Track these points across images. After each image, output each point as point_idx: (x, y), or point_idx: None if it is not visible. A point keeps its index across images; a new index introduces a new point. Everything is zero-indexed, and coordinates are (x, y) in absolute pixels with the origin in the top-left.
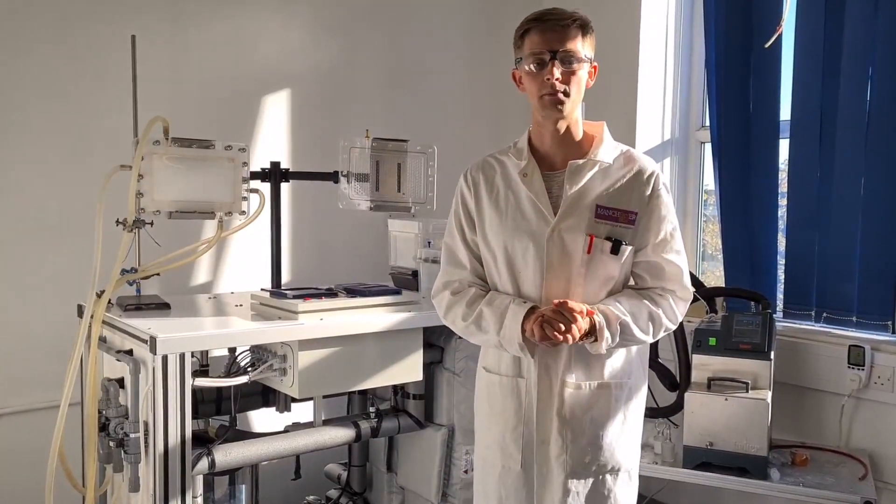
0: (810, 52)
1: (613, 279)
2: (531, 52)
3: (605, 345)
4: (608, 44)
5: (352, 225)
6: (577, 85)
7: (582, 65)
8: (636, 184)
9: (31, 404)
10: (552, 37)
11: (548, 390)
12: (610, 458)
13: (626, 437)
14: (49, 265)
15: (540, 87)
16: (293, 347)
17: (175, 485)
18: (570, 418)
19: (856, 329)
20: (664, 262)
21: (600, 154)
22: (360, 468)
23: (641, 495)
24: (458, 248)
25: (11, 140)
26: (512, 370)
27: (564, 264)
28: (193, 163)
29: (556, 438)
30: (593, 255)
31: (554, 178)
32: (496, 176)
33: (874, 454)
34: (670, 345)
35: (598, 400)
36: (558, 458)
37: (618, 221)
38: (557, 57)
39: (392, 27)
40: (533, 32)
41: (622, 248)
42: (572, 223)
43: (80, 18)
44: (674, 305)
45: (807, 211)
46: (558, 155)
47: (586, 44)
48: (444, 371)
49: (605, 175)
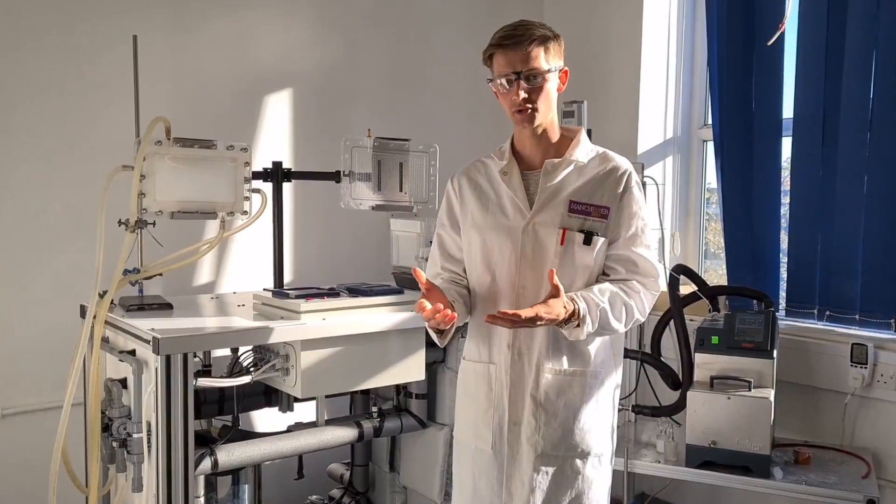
0: (813, 50)
1: (589, 269)
2: (498, 73)
3: (586, 330)
4: (611, 43)
5: (354, 225)
6: (545, 97)
7: (548, 77)
8: (609, 181)
9: (35, 405)
10: (514, 58)
11: (521, 375)
12: (580, 441)
13: (597, 422)
14: (51, 266)
15: (510, 104)
16: (295, 347)
17: (178, 485)
18: (544, 401)
19: (859, 327)
20: (635, 256)
21: (576, 154)
22: (363, 468)
23: (644, 494)
24: (435, 249)
25: (13, 141)
26: (484, 357)
27: (539, 256)
28: (195, 163)
29: (530, 420)
30: (567, 246)
31: (532, 177)
32: (480, 176)
33: (877, 452)
34: (673, 343)
35: (571, 386)
36: (530, 438)
37: (590, 216)
38: (521, 77)
39: (394, 26)
40: (497, 55)
41: (594, 238)
42: (546, 217)
43: (82, 18)
44: (644, 298)
45: (809, 209)
46: (537, 156)
47: (551, 56)
48: (447, 370)
49: (580, 173)
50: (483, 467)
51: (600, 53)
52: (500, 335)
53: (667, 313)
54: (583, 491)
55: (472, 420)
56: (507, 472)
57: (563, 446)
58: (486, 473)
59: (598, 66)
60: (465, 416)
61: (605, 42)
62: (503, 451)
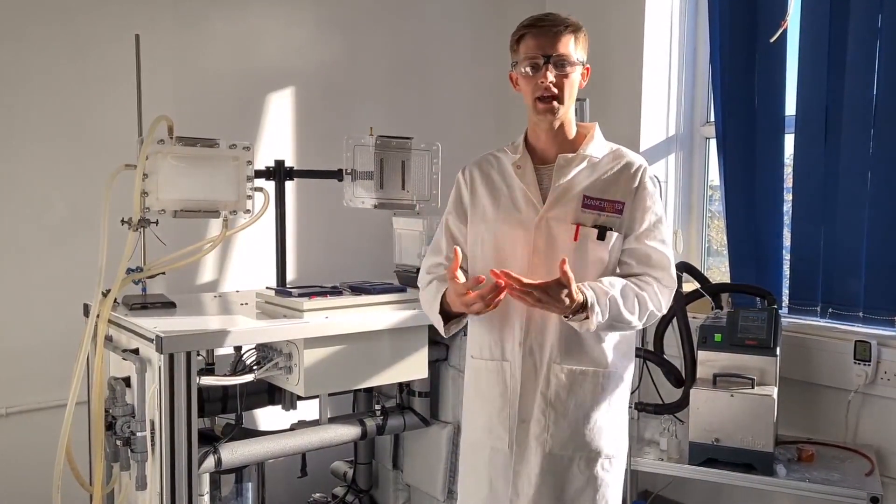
0: (815, 47)
1: (603, 264)
2: (526, 57)
3: (596, 320)
4: (613, 39)
5: (356, 223)
6: (569, 87)
7: (574, 68)
8: (623, 176)
9: (38, 403)
10: (545, 42)
11: (532, 372)
12: (591, 441)
13: (609, 423)
14: (54, 264)
15: (534, 89)
16: (298, 345)
17: (181, 483)
18: (554, 400)
19: (862, 324)
20: (650, 250)
21: (590, 149)
22: (366, 465)
23: (647, 491)
24: (441, 236)
25: (16, 140)
26: (496, 355)
27: (552, 251)
28: (198, 161)
29: (539, 418)
30: (581, 242)
31: (546, 172)
32: (493, 170)
33: (880, 450)
34: (676, 341)
35: (582, 385)
36: (538, 437)
37: (604, 211)
38: (551, 61)
39: (396, 25)
40: (527, 37)
41: (608, 234)
42: (559, 213)
43: (84, 17)
44: (658, 292)
45: (812, 206)
46: (552, 151)
47: (579, 47)
48: (450, 368)
49: (593, 169)
50: (500, 467)
51: (602, 51)
52: (512, 333)
53: (670, 311)
54: (592, 492)
55: (486, 420)
56: (515, 470)
57: (571, 446)
58: (503, 473)
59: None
60: (478, 417)
61: (607, 39)
62: (512, 448)
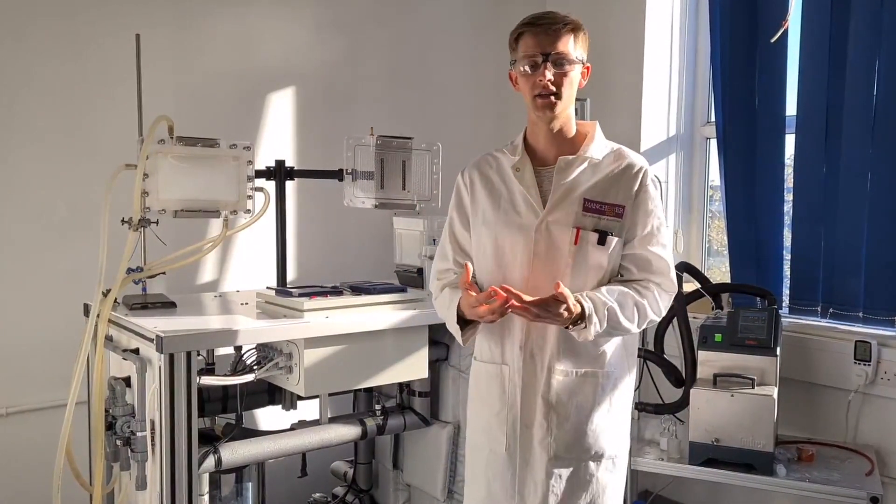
0: (816, 47)
1: (602, 269)
2: (525, 55)
3: (594, 330)
4: (614, 39)
5: (357, 223)
6: (568, 86)
7: (573, 66)
8: (624, 178)
9: (38, 403)
10: (545, 40)
11: (533, 376)
12: (594, 443)
13: (611, 424)
14: (55, 264)
15: (533, 87)
16: (299, 345)
17: (182, 483)
18: (555, 403)
19: (862, 324)
20: (651, 255)
21: (590, 151)
22: (367, 465)
23: (647, 491)
24: (446, 241)
25: (17, 139)
26: (497, 358)
27: (552, 255)
28: (198, 161)
29: (541, 422)
30: (581, 246)
31: (546, 174)
32: (492, 171)
33: (880, 450)
34: (676, 341)
35: (583, 387)
36: (542, 441)
37: (604, 214)
38: (549, 59)
39: (396, 25)
40: (526, 35)
41: (608, 238)
42: (560, 216)
43: (85, 17)
44: (658, 297)
45: (813, 206)
46: (551, 152)
47: (578, 46)
48: (450, 368)
49: (594, 170)
50: (497, 470)
51: (603, 50)
52: (512, 336)
53: (670, 311)
54: (597, 494)
55: (485, 422)
56: (520, 476)
57: (575, 449)
58: (500, 476)
59: (601, 64)
60: (479, 419)
61: (607, 39)
62: (516, 454)
